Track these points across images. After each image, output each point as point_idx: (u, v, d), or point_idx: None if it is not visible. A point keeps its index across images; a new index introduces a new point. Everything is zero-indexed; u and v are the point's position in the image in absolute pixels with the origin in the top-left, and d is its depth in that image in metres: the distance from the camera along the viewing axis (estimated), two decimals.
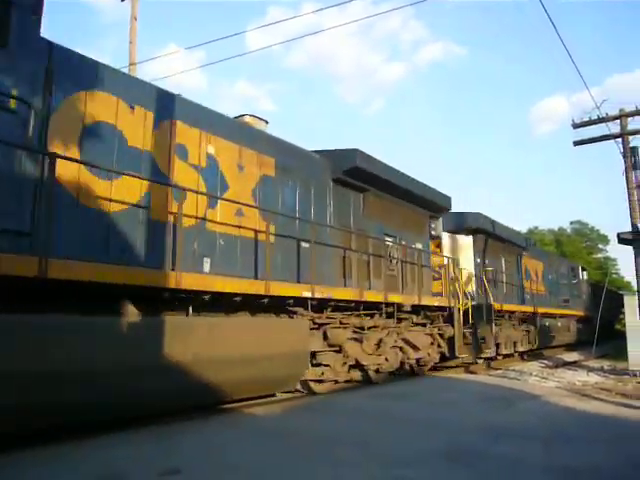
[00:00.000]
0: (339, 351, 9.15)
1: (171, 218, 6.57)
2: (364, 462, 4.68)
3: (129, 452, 4.88)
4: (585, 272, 29.52)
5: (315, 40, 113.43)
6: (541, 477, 4.40)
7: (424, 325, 12.15)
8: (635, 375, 12.92)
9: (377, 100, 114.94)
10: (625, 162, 12.94)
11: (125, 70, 12.99)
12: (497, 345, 15.56)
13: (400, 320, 11.07)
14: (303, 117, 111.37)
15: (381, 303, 10.06)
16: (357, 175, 10.15)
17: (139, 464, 4.50)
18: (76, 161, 5.61)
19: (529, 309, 18.93)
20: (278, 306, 8.10)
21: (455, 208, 16.79)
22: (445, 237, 14.70)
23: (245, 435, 5.75)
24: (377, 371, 10.29)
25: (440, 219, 13.94)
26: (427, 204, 12.91)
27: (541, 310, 20.07)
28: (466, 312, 13.43)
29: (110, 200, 5.99)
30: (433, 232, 13.59)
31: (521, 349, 17.93)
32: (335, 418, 6.86)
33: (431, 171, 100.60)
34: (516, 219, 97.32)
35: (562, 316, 23.42)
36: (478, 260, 15.64)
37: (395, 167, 11.32)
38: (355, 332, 9.51)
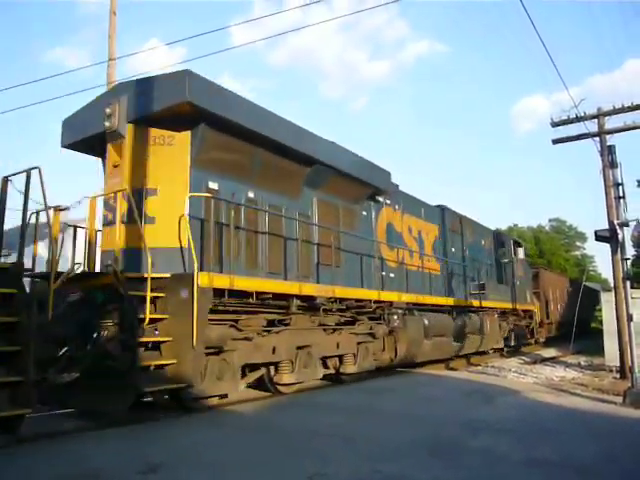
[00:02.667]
0: None
1: None
2: (349, 457, 4.70)
3: (106, 450, 4.80)
4: (522, 249, 21.12)
5: (300, 37, 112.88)
6: (520, 470, 4.46)
7: None
8: (611, 371, 13.17)
9: (362, 97, 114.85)
10: (602, 160, 13.13)
11: (104, 65, 12.80)
12: (250, 369, 7.94)
13: None
14: (287, 113, 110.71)
15: None
16: None
17: (116, 462, 4.42)
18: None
19: (369, 295, 10.21)
20: None
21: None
22: (128, 133, 7.29)
23: (227, 432, 5.70)
24: None
25: (122, 101, 7.25)
26: None
27: (404, 298, 11.46)
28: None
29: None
30: (107, 124, 7.18)
31: (350, 369, 9.77)
32: (318, 413, 6.85)
33: (416, 168, 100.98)
34: (497, 216, 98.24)
35: (469, 310, 15.12)
36: (212, 185, 7.64)
37: None
38: None
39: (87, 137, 7.82)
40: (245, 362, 7.52)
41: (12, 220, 7.29)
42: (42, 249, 7.94)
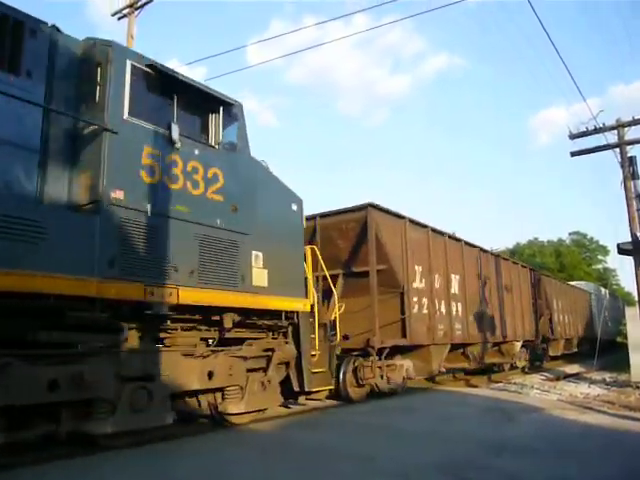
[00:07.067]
0: None
1: None
2: (367, 478, 4.62)
3: (125, 471, 4.77)
4: (230, 117, 6.91)
5: (317, 54, 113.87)
6: None
7: None
8: (638, 387, 12.78)
9: (381, 112, 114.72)
10: (623, 172, 12.93)
11: None
12: None
13: None
14: (306, 131, 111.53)
15: None
16: None
17: None
18: None
19: None
20: None
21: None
22: None
23: (247, 451, 5.65)
24: None
25: None
26: None
27: None
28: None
29: None
30: None
31: None
32: (338, 433, 6.77)
33: (434, 183, 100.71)
34: (518, 230, 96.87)
35: None
36: None
37: None
38: None
39: None
40: None
41: None
42: None
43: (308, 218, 10.30)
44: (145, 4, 15.24)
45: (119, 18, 15.52)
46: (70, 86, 5.72)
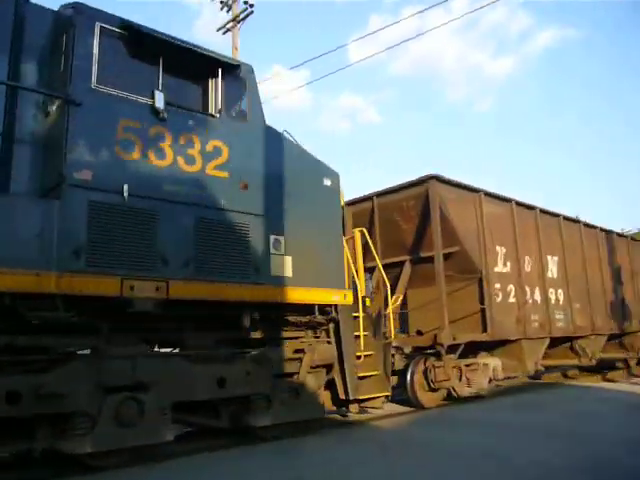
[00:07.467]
0: None
1: None
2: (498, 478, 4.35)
3: (252, 465, 4.79)
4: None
5: (418, 44, 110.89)
6: None
7: None
8: None
9: (488, 97, 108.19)
10: None
11: None
12: None
13: None
14: (410, 125, 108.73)
15: None
16: None
17: (267, 476, 4.44)
18: None
19: None
20: None
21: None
22: None
23: (370, 450, 5.38)
24: None
25: None
26: None
27: None
28: None
29: None
30: None
31: None
32: (464, 430, 6.39)
33: (551, 166, 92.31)
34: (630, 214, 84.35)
35: None
36: None
37: None
38: None
39: None
40: None
41: None
42: None
43: (364, 198, 9.58)
44: (246, 17, 16.21)
45: (224, 33, 16.67)
46: (40, 59, 5.04)
